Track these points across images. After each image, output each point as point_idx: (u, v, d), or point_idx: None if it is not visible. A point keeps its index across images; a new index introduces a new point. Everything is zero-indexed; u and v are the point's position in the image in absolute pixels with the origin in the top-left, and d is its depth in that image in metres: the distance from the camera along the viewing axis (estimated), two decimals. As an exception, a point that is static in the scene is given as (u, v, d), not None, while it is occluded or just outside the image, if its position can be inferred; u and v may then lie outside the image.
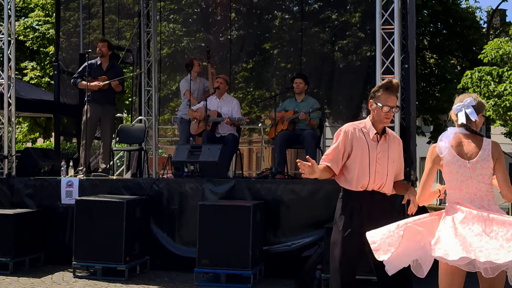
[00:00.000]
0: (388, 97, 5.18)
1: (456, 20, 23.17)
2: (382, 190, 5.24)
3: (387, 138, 5.28)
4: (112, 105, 10.92)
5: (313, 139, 10.03)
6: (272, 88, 18.25)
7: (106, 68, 10.77)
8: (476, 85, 21.07)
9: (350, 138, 5.24)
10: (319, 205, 8.82)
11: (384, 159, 5.24)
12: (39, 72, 24.80)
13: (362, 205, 5.19)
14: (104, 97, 10.56)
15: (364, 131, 5.26)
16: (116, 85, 10.56)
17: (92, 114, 10.52)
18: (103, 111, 10.61)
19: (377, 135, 5.25)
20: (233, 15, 18.19)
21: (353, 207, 5.22)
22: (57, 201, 9.75)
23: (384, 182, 5.22)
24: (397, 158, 5.38)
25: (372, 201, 5.20)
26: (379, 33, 9.38)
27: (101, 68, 10.75)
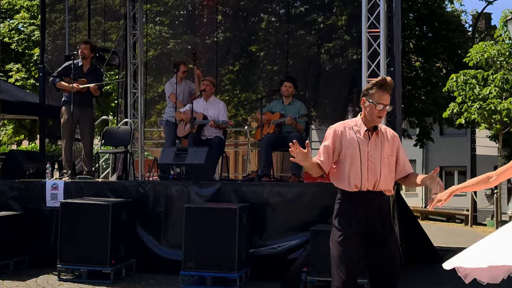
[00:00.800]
0: (382, 95, 5.11)
1: (441, 24, 23.30)
2: (378, 188, 5.19)
3: (379, 134, 5.23)
4: (90, 107, 10.83)
5: (299, 142, 9.97)
6: (259, 91, 18.25)
7: (86, 71, 10.68)
8: (461, 88, 21.20)
9: (340, 136, 5.21)
10: (305, 207, 8.82)
11: (377, 157, 5.18)
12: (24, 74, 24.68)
13: (358, 207, 5.16)
14: (82, 99, 10.43)
15: (355, 129, 5.21)
16: (95, 89, 10.47)
17: (70, 116, 10.41)
18: (81, 113, 10.49)
19: (368, 132, 5.20)
20: (220, 18, 18.18)
21: (349, 208, 5.18)
22: (42, 204, 9.70)
23: (378, 179, 5.16)
24: (394, 153, 5.28)
25: (368, 201, 5.15)
26: (365, 36, 9.41)
27: (81, 70, 10.66)
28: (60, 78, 10.61)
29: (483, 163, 29.60)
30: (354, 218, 5.12)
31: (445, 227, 23.20)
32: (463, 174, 33.95)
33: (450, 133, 32.24)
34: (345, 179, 5.17)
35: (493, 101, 20.76)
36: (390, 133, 5.36)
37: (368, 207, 5.13)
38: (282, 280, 8.36)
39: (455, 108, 21.58)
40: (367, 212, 5.12)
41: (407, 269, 9.83)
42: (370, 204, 5.14)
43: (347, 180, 5.15)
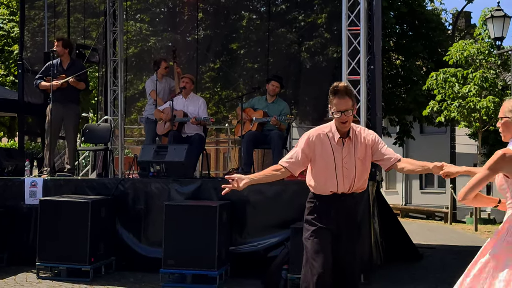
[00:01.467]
0: (338, 101, 5.07)
1: (421, 22, 23.40)
2: (351, 191, 5.24)
3: (352, 139, 5.24)
4: (75, 104, 10.74)
5: (280, 139, 10.04)
6: (239, 88, 18.25)
7: (66, 67, 10.63)
8: (441, 87, 21.32)
9: (314, 145, 5.21)
10: (285, 205, 8.83)
11: (351, 162, 5.19)
12: (4, 71, 24.49)
13: (330, 207, 5.19)
14: (66, 96, 10.39)
15: (330, 136, 5.21)
16: (75, 82, 10.39)
17: (55, 114, 10.37)
18: (66, 111, 10.44)
19: (342, 139, 5.20)
20: (201, 15, 18.14)
21: (321, 207, 5.21)
22: (21, 201, 9.63)
23: (353, 184, 5.20)
24: (367, 154, 5.25)
25: (340, 202, 5.20)
26: (345, 34, 9.43)
27: (61, 66, 10.61)
28: (42, 79, 10.56)
29: (462, 161, 29.76)
30: (325, 216, 5.19)
31: (424, 225, 23.30)
32: (443, 172, 34.13)
33: (430, 131, 32.37)
34: (320, 184, 5.22)
35: (473, 99, 20.89)
36: (364, 133, 5.33)
37: (339, 208, 5.22)
38: (262, 278, 8.36)
39: (435, 106, 21.70)
40: (338, 212, 5.20)
41: (387, 267, 9.89)
42: (342, 205, 5.22)
43: (323, 186, 5.21)
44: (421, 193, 35.23)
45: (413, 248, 11.23)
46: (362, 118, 9.27)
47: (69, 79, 10.33)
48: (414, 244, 11.38)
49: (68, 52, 10.71)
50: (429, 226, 22.42)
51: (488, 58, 21.83)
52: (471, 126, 22.72)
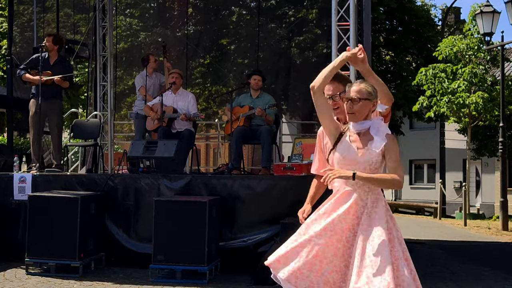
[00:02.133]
0: (327, 87, 4.77)
1: (411, 18, 23.46)
2: None
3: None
4: (58, 99, 10.68)
5: (269, 135, 10.05)
6: (229, 84, 18.24)
7: (53, 63, 10.57)
8: (430, 82, 21.40)
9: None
10: (275, 200, 8.84)
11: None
12: (-8, 66, 24.37)
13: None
14: (49, 91, 10.31)
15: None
16: (60, 81, 10.35)
17: (38, 109, 10.30)
18: (49, 106, 10.37)
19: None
20: (190, 10, 18.12)
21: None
22: (10, 197, 9.60)
23: None
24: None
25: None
26: (334, 30, 9.43)
27: (48, 62, 10.54)
28: (26, 70, 10.49)
29: (452, 156, 29.95)
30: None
31: (414, 220, 23.40)
32: (433, 167, 34.27)
33: (420, 126, 32.51)
34: None
35: (462, 94, 20.97)
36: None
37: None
38: (252, 273, 8.36)
39: (424, 101, 21.78)
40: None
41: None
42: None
43: None
44: (410, 188, 35.34)
45: (403, 243, 11.26)
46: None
47: (55, 78, 10.27)
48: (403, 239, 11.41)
49: (57, 49, 10.67)
50: (418, 221, 22.52)
51: (478, 54, 21.93)
52: (460, 122, 22.83)
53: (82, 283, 8.20)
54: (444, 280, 8.92)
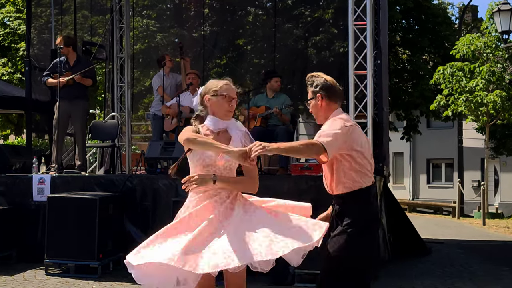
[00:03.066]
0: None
1: (428, 16, 23.35)
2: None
3: None
4: (83, 100, 10.75)
5: (286, 134, 10.06)
6: (246, 84, 18.21)
7: (73, 64, 10.66)
8: (448, 81, 21.29)
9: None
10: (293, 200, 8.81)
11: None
12: (11, 68, 24.57)
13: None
14: (73, 92, 10.41)
15: None
16: (81, 78, 10.42)
17: (62, 111, 10.39)
18: (73, 107, 10.46)
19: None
20: (207, 11, 18.13)
21: None
22: (29, 198, 9.66)
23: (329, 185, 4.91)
24: None
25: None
26: (351, 29, 9.42)
27: (68, 63, 10.65)
28: (49, 76, 10.59)
29: (470, 155, 29.79)
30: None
31: (432, 219, 23.30)
32: (450, 167, 34.10)
33: (437, 125, 32.35)
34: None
35: (480, 93, 20.86)
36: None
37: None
38: (270, 273, 8.36)
39: (442, 100, 21.68)
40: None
41: (394, 262, 9.89)
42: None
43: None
44: (428, 187, 35.21)
45: (421, 242, 11.23)
46: (368, 113, 9.26)
47: (74, 76, 10.35)
48: (421, 239, 11.38)
49: (72, 49, 10.73)
50: (436, 221, 22.42)
51: (495, 52, 21.81)
52: (478, 120, 22.70)
53: (101, 283, 8.24)
54: (463, 279, 8.88)
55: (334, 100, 4.67)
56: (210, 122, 4.56)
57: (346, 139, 4.42)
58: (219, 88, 4.64)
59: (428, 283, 8.55)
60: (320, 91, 4.63)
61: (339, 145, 4.39)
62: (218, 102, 4.58)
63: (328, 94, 4.64)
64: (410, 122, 24.36)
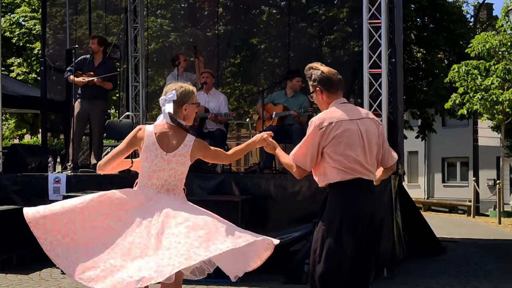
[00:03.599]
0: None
1: (442, 14, 23.26)
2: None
3: None
4: (102, 101, 10.82)
5: (301, 134, 9.99)
6: (260, 83, 18.23)
7: (97, 64, 10.73)
8: (463, 79, 21.19)
9: None
10: (307, 199, 8.83)
11: None
12: (26, 68, 24.71)
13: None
14: (92, 92, 10.50)
15: None
16: (100, 82, 10.47)
17: (80, 110, 10.48)
18: (92, 107, 10.54)
19: None
20: (221, 10, 18.15)
21: None
22: (45, 198, 9.70)
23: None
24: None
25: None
26: (366, 28, 9.40)
27: (92, 64, 10.73)
28: (72, 72, 10.64)
29: (485, 154, 29.65)
30: None
31: (447, 218, 23.22)
32: (466, 165, 33.95)
33: (452, 124, 32.22)
34: None
35: (495, 91, 20.75)
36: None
37: None
38: (284, 272, 8.37)
39: (457, 99, 21.57)
40: None
41: (410, 260, 9.87)
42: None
43: None
44: (443, 186, 35.08)
45: (436, 241, 11.19)
46: (383, 112, 9.24)
47: (95, 79, 10.40)
48: (437, 238, 11.34)
49: (102, 51, 10.82)
50: (452, 220, 22.34)
51: (511, 50, 21.66)
52: (493, 119, 22.58)
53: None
54: (479, 278, 8.85)
55: (333, 91, 4.76)
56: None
57: (319, 140, 4.59)
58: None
59: (443, 282, 8.52)
60: (319, 85, 4.76)
61: (312, 153, 4.62)
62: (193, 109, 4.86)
63: (326, 87, 4.75)
64: (425, 120, 24.28)
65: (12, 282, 8.24)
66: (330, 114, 4.66)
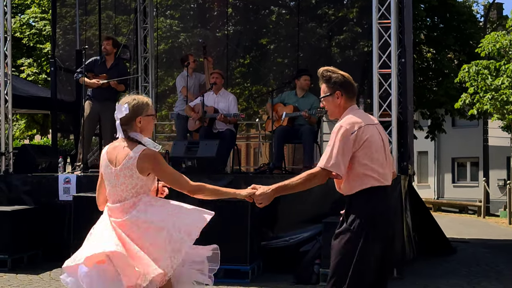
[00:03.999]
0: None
1: (452, 14, 23.18)
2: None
3: None
4: (113, 102, 10.84)
5: (311, 134, 10.04)
6: (269, 83, 18.25)
7: (109, 66, 10.75)
8: (473, 79, 21.10)
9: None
10: (317, 200, 8.82)
11: None
12: (36, 69, 24.78)
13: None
14: (104, 94, 10.51)
15: None
16: (116, 84, 10.51)
17: (91, 111, 10.50)
18: (103, 108, 10.54)
19: None
20: (230, 10, 18.18)
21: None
22: (55, 198, 9.75)
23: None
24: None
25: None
26: (375, 28, 9.38)
27: (104, 65, 10.74)
28: (83, 73, 10.67)
29: (495, 154, 29.54)
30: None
31: (457, 219, 23.15)
32: (476, 165, 33.83)
33: (462, 124, 32.08)
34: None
35: (506, 91, 20.65)
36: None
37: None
38: (294, 272, 8.37)
39: (467, 99, 21.48)
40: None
41: (419, 261, 9.85)
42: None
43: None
44: (453, 186, 34.96)
45: (446, 242, 11.17)
46: (393, 112, 9.22)
47: (110, 82, 10.42)
48: (447, 238, 11.31)
49: (114, 52, 10.85)
50: (462, 220, 22.27)
51: (521, 50, 21.56)
52: (504, 119, 22.47)
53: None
54: (489, 279, 8.82)
55: (352, 97, 4.62)
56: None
57: (352, 145, 4.39)
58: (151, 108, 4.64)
59: (453, 282, 8.50)
60: (340, 88, 4.59)
61: (346, 158, 4.39)
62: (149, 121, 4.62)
63: (347, 91, 4.59)
64: (434, 121, 24.20)
65: (22, 282, 8.28)
66: (355, 119, 4.49)
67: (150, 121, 4.61)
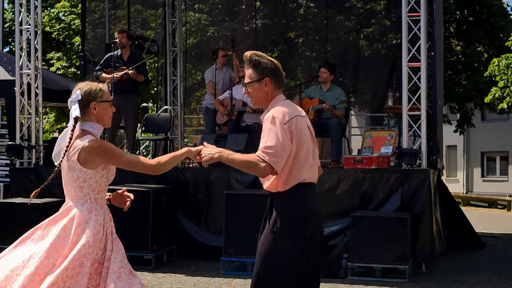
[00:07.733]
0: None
1: (482, 7, 22.94)
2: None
3: None
4: (134, 95, 10.90)
5: (338, 128, 10.01)
6: (297, 77, 18.21)
7: (127, 59, 10.80)
8: (503, 73, 20.90)
9: None
10: (344, 193, 8.81)
11: None
12: (66, 63, 24.95)
13: None
14: (125, 87, 10.54)
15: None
16: (135, 74, 10.54)
17: (115, 106, 10.52)
18: (125, 102, 10.57)
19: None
20: (258, 4, 18.15)
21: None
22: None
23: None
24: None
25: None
26: (405, 21, 9.32)
27: (121, 59, 10.79)
28: (102, 71, 10.74)
29: (525, 149, 29.24)
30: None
31: (487, 213, 22.97)
32: (505, 160, 33.54)
33: (492, 118, 31.80)
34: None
35: (536, 85, 20.44)
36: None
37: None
38: (322, 266, 8.36)
39: (497, 93, 21.29)
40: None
41: (449, 256, 9.79)
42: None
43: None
44: (482, 181, 34.68)
45: (476, 236, 11.09)
46: (422, 106, 9.15)
47: (129, 71, 10.48)
48: (476, 233, 11.23)
49: (130, 44, 10.91)
50: (491, 215, 22.09)
51: (552, 43, 21.31)
52: (533, 113, 22.26)
53: (155, 275, 8.34)
54: (519, 274, 8.75)
55: (280, 86, 4.36)
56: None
57: (290, 137, 4.14)
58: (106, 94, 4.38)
59: (483, 277, 8.45)
60: (270, 75, 4.29)
61: (285, 155, 4.11)
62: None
63: (276, 79, 4.32)
64: (464, 115, 24.00)
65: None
66: (285, 109, 4.22)
67: (107, 107, 4.42)
